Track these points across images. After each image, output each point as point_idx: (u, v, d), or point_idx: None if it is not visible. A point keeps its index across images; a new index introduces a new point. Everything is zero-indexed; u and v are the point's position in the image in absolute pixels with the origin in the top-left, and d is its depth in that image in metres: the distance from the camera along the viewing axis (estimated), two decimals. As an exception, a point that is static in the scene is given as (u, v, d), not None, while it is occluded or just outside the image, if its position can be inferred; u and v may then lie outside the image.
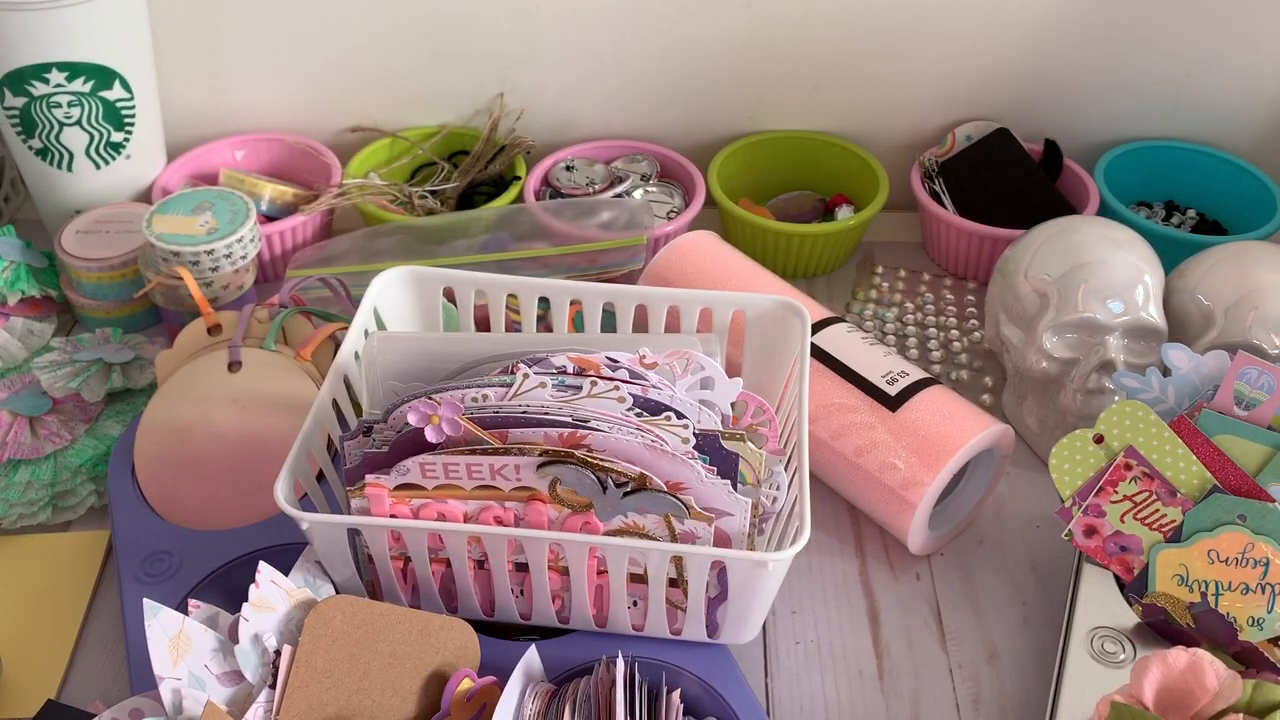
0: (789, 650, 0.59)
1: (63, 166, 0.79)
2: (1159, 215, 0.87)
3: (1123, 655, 0.53)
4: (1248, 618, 0.53)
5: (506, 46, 0.85)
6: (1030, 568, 0.64)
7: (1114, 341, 0.65)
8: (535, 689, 0.51)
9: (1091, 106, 0.87)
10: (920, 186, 0.84)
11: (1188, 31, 0.83)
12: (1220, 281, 0.66)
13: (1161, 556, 0.55)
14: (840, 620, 0.61)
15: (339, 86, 0.87)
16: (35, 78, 0.74)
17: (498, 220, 0.78)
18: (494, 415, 0.51)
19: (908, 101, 0.87)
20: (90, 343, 0.73)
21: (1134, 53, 0.84)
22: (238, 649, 0.49)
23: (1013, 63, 0.85)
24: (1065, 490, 0.58)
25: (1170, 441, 0.56)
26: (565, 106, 0.89)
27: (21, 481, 0.65)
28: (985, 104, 0.87)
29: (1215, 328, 0.65)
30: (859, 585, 0.63)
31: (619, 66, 0.86)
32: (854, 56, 0.85)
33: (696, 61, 0.86)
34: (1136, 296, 0.65)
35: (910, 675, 0.58)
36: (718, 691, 0.53)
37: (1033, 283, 0.68)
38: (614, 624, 0.55)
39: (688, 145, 0.90)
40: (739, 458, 0.52)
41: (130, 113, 0.78)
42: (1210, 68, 0.85)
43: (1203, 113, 0.87)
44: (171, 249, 0.70)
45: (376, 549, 0.53)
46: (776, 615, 0.61)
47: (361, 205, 0.82)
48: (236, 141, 0.87)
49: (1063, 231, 0.69)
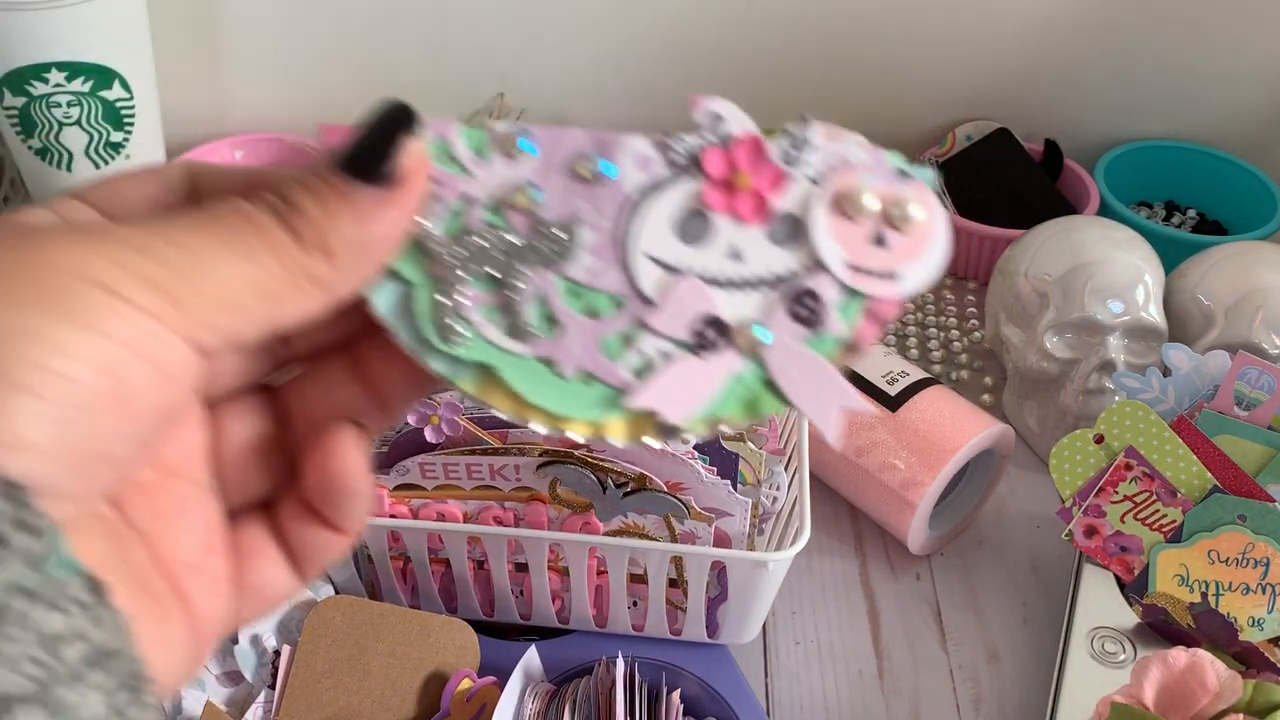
0: (789, 650, 0.59)
1: (62, 166, 0.78)
2: (1159, 215, 0.87)
3: (1123, 655, 0.53)
4: (1248, 618, 0.53)
5: (506, 45, 0.85)
6: (1030, 568, 0.64)
7: (1114, 341, 0.65)
8: (535, 689, 0.51)
9: (1092, 106, 0.87)
10: (920, 186, 0.84)
11: (1189, 31, 0.83)
12: (1221, 282, 0.66)
13: (1162, 557, 0.54)
14: (840, 620, 0.61)
15: (338, 86, 0.87)
16: (35, 77, 0.74)
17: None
18: (494, 415, 0.51)
19: (907, 101, 0.87)
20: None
21: (1135, 52, 0.84)
22: (237, 649, 0.49)
23: (1013, 62, 0.85)
24: (1065, 490, 0.57)
25: (1171, 442, 0.56)
26: (565, 106, 0.89)
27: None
28: (985, 104, 0.87)
29: (1215, 328, 0.65)
30: (859, 585, 0.63)
31: (619, 66, 0.86)
32: (853, 55, 0.85)
33: (696, 60, 0.86)
34: (1137, 296, 0.65)
35: (910, 675, 0.58)
36: (718, 692, 0.53)
37: (1033, 283, 0.68)
38: (614, 624, 0.55)
39: (688, 145, 0.90)
40: (739, 457, 0.52)
41: (130, 112, 0.78)
42: (1211, 67, 0.85)
43: (1203, 113, 0.87)
44: (171, 249, 0.70)
45: (376, 549, 0.53)
46: (776, 615, 0.61)
47: (361, 205, 0.82)
48: (236, 141, 0.87)
49: (1063, 231, 0.68)
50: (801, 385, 0.25)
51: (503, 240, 0.25)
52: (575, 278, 0.25)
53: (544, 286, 0.25)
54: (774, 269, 0.26)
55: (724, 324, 0.25)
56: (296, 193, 0.22)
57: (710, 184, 0.26)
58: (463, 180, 0.25)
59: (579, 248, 0.25)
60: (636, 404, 0.25)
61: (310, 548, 0.25)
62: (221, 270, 0.21)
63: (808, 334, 0.25)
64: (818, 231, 0.25)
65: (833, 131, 0.26)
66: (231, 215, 0.22)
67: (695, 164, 0.26)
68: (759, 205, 0.26)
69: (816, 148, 0.26)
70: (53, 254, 0.19)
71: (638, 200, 0.26)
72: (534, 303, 0.25)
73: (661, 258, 0.26)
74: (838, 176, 0.26)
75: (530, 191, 0.25)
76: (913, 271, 0.25)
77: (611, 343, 0.25)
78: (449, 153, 0.25)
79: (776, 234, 0.26)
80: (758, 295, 0.25)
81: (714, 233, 0.26)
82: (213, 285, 0.21)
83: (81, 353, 0.19)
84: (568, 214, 0.25)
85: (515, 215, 0.25)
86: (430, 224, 0.25)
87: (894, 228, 0.25)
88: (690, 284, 0.25)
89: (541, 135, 0.26)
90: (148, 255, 0.20)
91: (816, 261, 0.25)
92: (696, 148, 0.26)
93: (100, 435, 0.19)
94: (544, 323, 0.25)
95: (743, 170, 0.26)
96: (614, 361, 0.25)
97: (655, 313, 0.25)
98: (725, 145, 0.26)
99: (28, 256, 0.19)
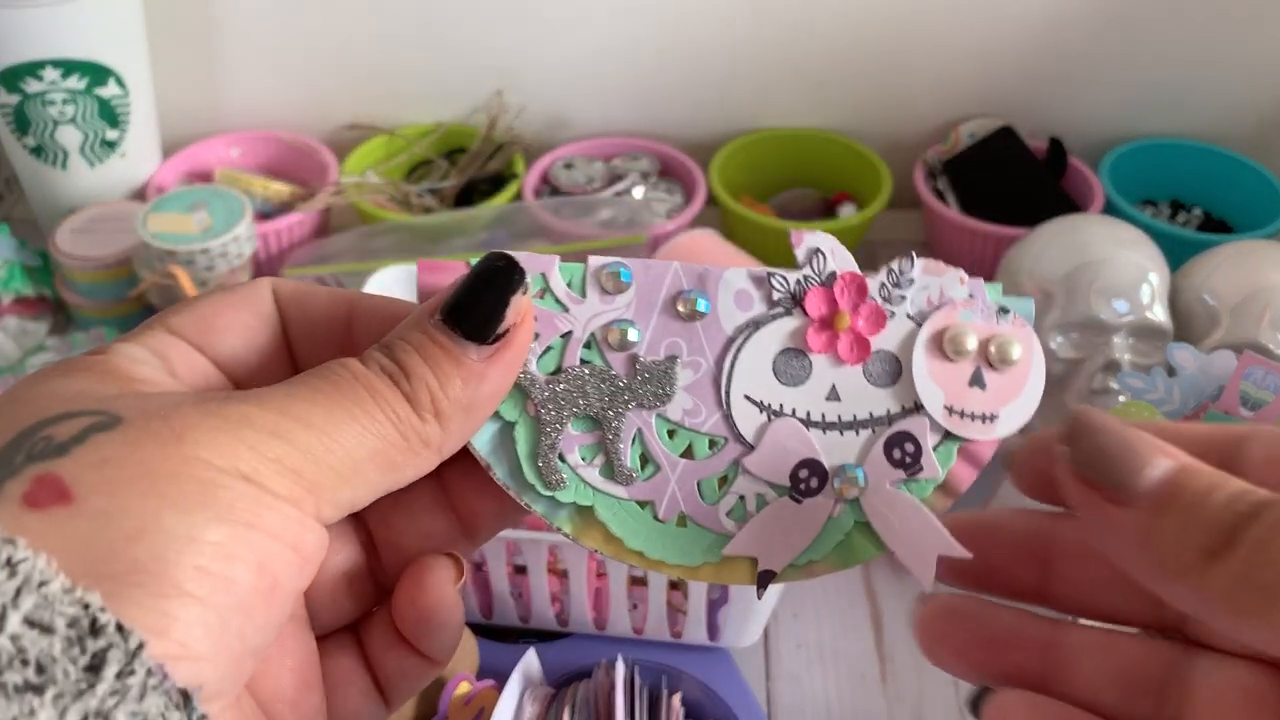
0: (791, 653, 0.58)
1: (57, 164, 0.78)
2: (1164, 214, 0.86)
3: (1129, 659, 0.53)
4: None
5: (505, 42, 0.85)
6: (1034, 570, 0.63)
7: (1119, 341, 0.64)
8: (534, 692, 0.50)
9: (1096, 104, 0.87)
10: (923, 184, 0.83)
11: (1193, 28, 0.82)
12: (1226, 281, 0.66)
13: (1168, 559, 0.54)
14: (842, 623, 0.60)
15: (335, 83, 0.86)
16: (29, 75, 0.73)
17: (496, 219, 0.78)
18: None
19: (911, 99, 0.87)
20: (85, 342, 0.72)
21: (1139, 50, 0.84)
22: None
23: (1017, 60, 0.84)
24: (1070, 492, 0.57)
25: (1177, 442, 0.55)
26: (564, 103, 0.88)
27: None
28: (989, 102, 0.87)
29: (1221, 327, 0.64)
30: (861, 588, 0.62)
31: (619, 63, 0.86)
32: (857, 52, 0.84)
33: (697, 57, 0.85)
34: (1142, 296, 0.64)
35: (913, 679, 0.57)
36: (719, 695, 0.52)
37: (1037, 282, 0.67)
38: (614, 627, 0.54)
39: (688, 142, 0.89)
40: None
41: (125, 110, 0.78)
42: (1216, 65, 0.84)
43: (1209, 110, 0.86)
44: (166, 248, 0.69)
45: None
46: (778, 618, 0.60)
47: (358, 203, 0.81)
48: (232, 139, 0.87)
49: (1067, 230, 0.68)
50: (897, 529, 0.25)
51: (601, 379, 0.25)
52: (672, 418, 0.25)
53: (641, 426, 0.25)
54: (873, 410, 0.26)
55: (821, 466, 0.25)
56: (407, 355, 0.22)
57: (810, 323, 0.26)
58: (560, 317, 0.25)
59: (676, 387, 0.25)
60: (734, 552, 0.25)
61: (399, 675, 0.25)
62: (348, 445, 0.21)
63: (904, 477, 0.25)
64: (918, 373, 0.25)
65: (933, 266, 0.26)
66: (351, 384, 0.22)
67: (795, 302, 0.26)
68: (859, 345, 0.26)
69: (916, 282, 0.26)
70: (198, 449, 0.19)
71: (736, 339, 0.25)
72: (631, 443, 0.25)
73: (760, 398, 0.25)
74: (938, 315, 0.25)
75: (627, 329, 0.25)
76: (1009, 412, 0.25)
77: (709, 485, 0.25)
78: (547, 288, 0.25)
79: (875, 374, 0.26)
80: (855, 437, 0.25)
81: (813, 373, 0.25)
82: (341, 462, 0.21)
83: (239, 552, 0.19)
84: (665, 352, 0.25)
85: (613, 353, 0.25)
86: (530, 361, 0.25)
87: (992, 367, 0.25)
88: (788, 426, 0.25)
89: (638, 269, 0.25)
90: (284, 440, 0.20)
91: (916, 404, 0.25)
92: (798, 286, 0.26)
93: (253, 631, 0.20)
94: (641, 463, 0.25)
95: (843, 310, 0.25)
96: (711, 505, 0.25)
97: (753, 456, 0.25)
98: (826, 284, 0.26)
99: (178, 453, 0.19)
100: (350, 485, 0.21)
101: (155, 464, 0.19)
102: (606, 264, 0.25)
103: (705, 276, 0.25)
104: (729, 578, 0.25)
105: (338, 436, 0.21)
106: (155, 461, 0.19)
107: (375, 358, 0.22)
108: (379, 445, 0.21)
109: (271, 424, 0.20)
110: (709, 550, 0.25)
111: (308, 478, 0.20)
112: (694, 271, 0.25)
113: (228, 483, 0.19)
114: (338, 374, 0.22)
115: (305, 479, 0.20)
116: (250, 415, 0.20)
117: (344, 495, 0.21)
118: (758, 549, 0.25)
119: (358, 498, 0.22)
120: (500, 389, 0.23)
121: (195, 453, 0.19)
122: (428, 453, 0.22)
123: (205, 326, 0.24)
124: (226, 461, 0.19)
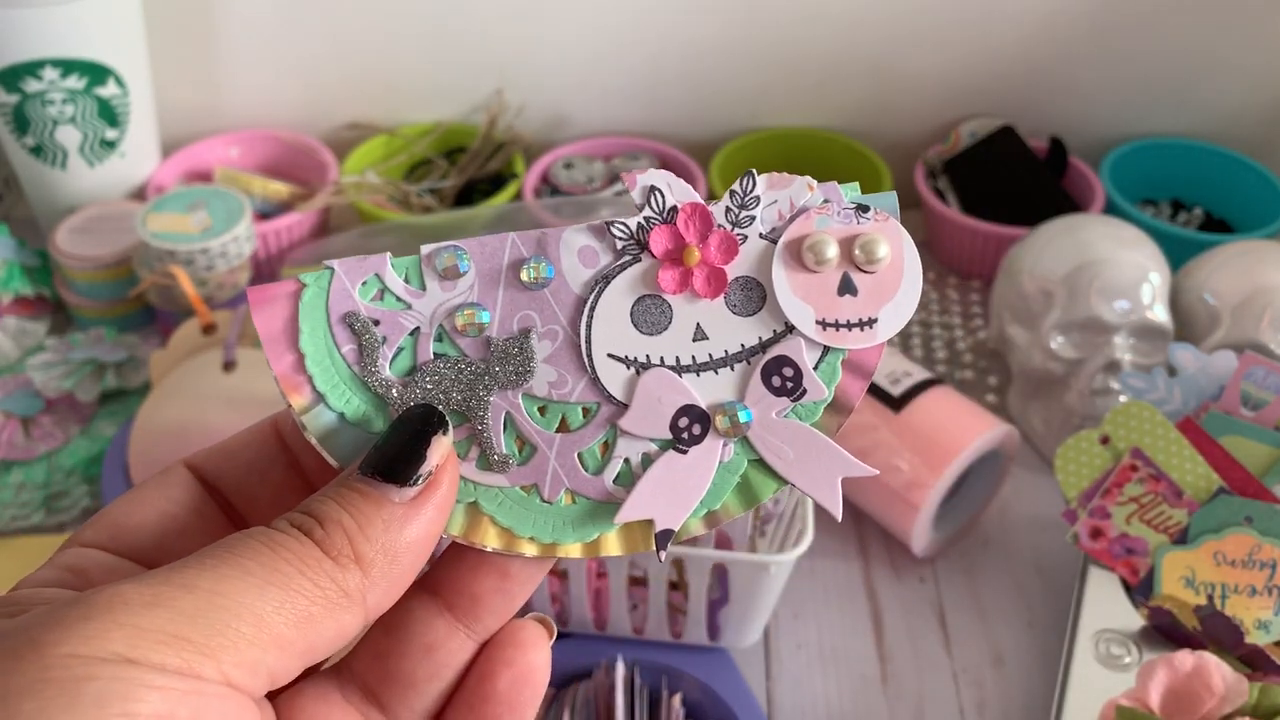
0: (791, 654, 0.58)
1: (56, 164, 0.78)
2: (1165, 213, 0.86)
3: (1128, 659, 0.53)
4: (1254, 620, 0.52)
5: (505, 42, 0.85)
6: (1035, 570, 0.63)
7: (1120, 341, 0.64)
8: (533, 694, 0.50)
9: (1097, 104, 0.87)
10: (924, 184, 0.83)
11: (1194, 28, 0.82)
12: (1227, 280, 0.66)
13: (1168, 559, 0.54)
14: (843, 623, 0.60)
15: (335, 83, 0.86)
16: (29, 75, 0.73)
17: (496, 218, 0.78)
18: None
19: (911, 98, 0.87)
20: (84, 342, 0.72)
21: (1140, 50, 0.84)
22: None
23: (1018, 59, 0.84)
24: (1071, 491, 0.57)
25: (1177, 443, 0.55)
26: (564, 103, 0.88)
27: (14, 483, 0.64)
28: (990, 101, 0.87)
29: (1222, 327, 0.64)
30: (862, 588, 0.62)
31: (619, 62, 0.85)
32: (857, 52, 0.84)
33: (697, 57, 0.85)
34: (1143, 295, 0.64)
35: (914, 679, 0.57)
36: (719, 695, 0.52)
37: (1038, 282, 0.67)
38: (614, 627, 0.54)
39: (689, 142, 0.89)
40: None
41: (124, 110, 0.78)
42: (1217, 64, 0.84)
43: (1210, 110, 0.86)
44: (166, 247, 0.69)
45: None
46: (778, 618, 0.60)
47: (358, 203, 0.81)
48: (231, 138, 0.87)
49: (1068, 230, 0.68)
50: (793, 460, 0.24)
51: (458, 369, 0.24)
52: (539, 393, 0.24)
53: (509, 408, 0.24)
54: (743, 342, 0.24)
55: (700, 411, 0.24)
56: (321, 504, 0.22)
57: (659, 265, 0.24)
58: (404, 314, 0.24)
59: (536, 361, 0.24)
60: (627, 518, 0.24)
61: None
62: (245, 601, 0.20)
63: (790, 404, 0.24)
64: (782, 293, 0.24)
65: (776, 178, 0.24)
66: (246, 541, 0.21)
67: (641, 246, 0.24)
68: (715, 277, 0.24)
69: (763, 199, 0.24)
70: (60, 646, 0.18)
71: (588, 298, 0.24)
72: (503, 428, 0.24)
73: (624, 354, 0.24)
74: (793, 227, 0.24)
75: (475, 311, 0.24)
76: (888, 313, 0.24)
77: (590, 455, 0.24)
78: (384, 288, 0.24)
79: (738, 303, 0.24)
80: (731, 373, 0.24)
81: (673, 316, 0.24)
82: (237, 619, 0.19)
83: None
84: (518, 327, 0.24)
85: (465, 340, 0.24)
86: (382, 368, 0.24)
87: (861, 269, 0.24)
88: (657, 376, 0.24)
89: (473, 247, 0.24)
90: (163, 608, 0.19)
91: (787, 326, 0.24)
92: (640, 228, 0.24)
93: None
94: (517, 447, 0.24)
95: (690, 243, 0.24)
96: (596, 475, 0.24)
97: (628, 415, 0.24)
98: (669, 220, 0.24)
99: (37, 660, 0.18)
100: (258, 645, 0.19)
101: (9, 681, 0.18)
102: (440, 249, 0.24)
103: (544, 240, 0.24)
104: (630, 546, 0.24)
105: (229, 594, 0.20)
106: (9, 677, 0.18)
107: (287, 515, 0.22)
108: (285, 597, 0.20)
109: (149, 596, 0.19)
110: (604, 520, 0.24)
111: (196, 642, 0.19)
112: (531, 238, 0.24)
113: (98, 671, 0.18)
114: (236, 537, 0.21)
115: (194, 643, 0.19)
116: (125, 594, 0.19)
117: (251, 655, 0.19)
118: (651, 509, 0.24)
119: (275, 660, 0.20)
120: (428, 534, 0.22)
121: (57, 651, 0.18)
122: (348, 603, 0.21)
123: (115, 530, 0.23)
124: (97, 648, 0.18)
